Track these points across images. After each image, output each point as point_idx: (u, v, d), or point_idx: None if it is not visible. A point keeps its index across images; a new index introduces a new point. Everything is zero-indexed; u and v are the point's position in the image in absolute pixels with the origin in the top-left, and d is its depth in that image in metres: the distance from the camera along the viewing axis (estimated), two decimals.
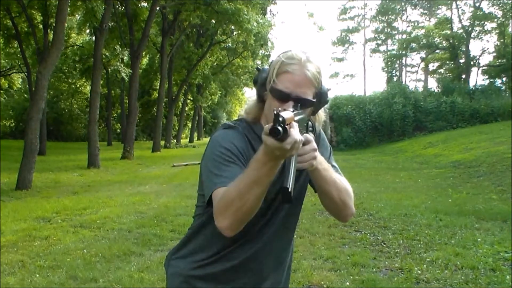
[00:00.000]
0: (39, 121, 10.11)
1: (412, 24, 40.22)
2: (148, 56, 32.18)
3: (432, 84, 45.98)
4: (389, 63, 39.21)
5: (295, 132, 0.97)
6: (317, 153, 1.17)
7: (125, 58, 20.24)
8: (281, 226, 1.35)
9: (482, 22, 29.93)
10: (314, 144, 1.15)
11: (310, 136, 1.16)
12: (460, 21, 30.94)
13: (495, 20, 29.59)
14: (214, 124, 51.71)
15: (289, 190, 0.98)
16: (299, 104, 1.20)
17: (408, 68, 41.90)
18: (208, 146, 1.30)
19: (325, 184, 1.25)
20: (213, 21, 24.82)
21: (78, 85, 35.23)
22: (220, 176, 1.19)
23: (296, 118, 1.06)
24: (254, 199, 1.07)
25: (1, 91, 30.84)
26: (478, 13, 29.15)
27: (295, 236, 1.49)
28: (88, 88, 25.59)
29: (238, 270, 1.34)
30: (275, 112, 0.94)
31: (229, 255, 1.33)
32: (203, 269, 1.35)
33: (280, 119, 0.93)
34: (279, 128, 0.93)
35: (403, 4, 39.81)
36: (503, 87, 28.06)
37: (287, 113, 0.98)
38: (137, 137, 30.80)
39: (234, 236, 1.18)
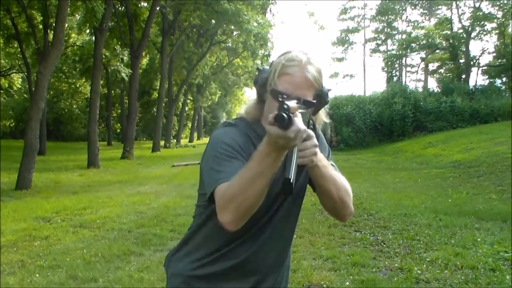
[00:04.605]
0: (39, 121, 10.12)
1: (412, 24, 40.17)
2: (148, 56, 32.15)
3: (432, 84, 45.93)
4: (389, 63, 39.16)
5: (299, 121, 0.97)
6: (318, 150, 1.17)
7: (125, 58, 20.24)
8: (281, 225, 1.35)
9: (482, 22, 29.89)
10: (315, 140, 1.15)
11: (312, 132, 1.17)
12: (460, 21, 30.92)
13: (495, 20, 29.56)
14: (214, 124, 51.73)
15: (291, 181, 0.98)
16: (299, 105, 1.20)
17: (408, 68, 41.86)
18: (209, 143, 1.30)
19: (325, 182, 1.25)
20: (213, 21, 24.85)
21: (78, 85, 35.23)
22: (222, 172, 1.18)
23: (299, 111, 1.07)
24: (257, 192, 1.07)
25: (1, 91, 30.81)
26: (478, 13, 29.13)
27: (294, 236, 1.49)
28: (88, 88, 25.54)
29: (238, 269, 1.34)
30: (280, 100, 0.94)
31: (229, 253, 1.32)
32: (203, 268, 1.35)
33: (285, 106, 0.94)
34: (284, 115, 0.93)
35: (403, 4, 39.77)
36: (503, 87, 28.05)
37: (291, 103, 0.99)
38: (137, 137, 30.78)
39: (234, 234, 1.18)
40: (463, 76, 29.66)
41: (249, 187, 1.06)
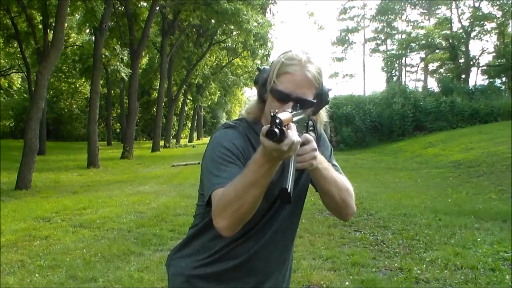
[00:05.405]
0: (39, 121, 10.11)
1: (412, 24, 40.24)
2: (148, 56, 32.17)
3: (432, 84, 46.14)
4: (389, 63, 39.22)
5: (292, 134, 0.97)
6: (317, 153, 1.17)
7: (125, 58, 20.24)
8: (283, 225, 1.35)
9: (482, 22, 29.92)
10: (314, 144, 1.15)
11: (310, 136, 1.16)
12: (459, 21, 30.93)
13: (495, 20, 29.58)
14: (214, 124, 51.69)
15: (288, 191, 0.98)
16: (298, 105, 1.20)
17: (408, 68, 41.91)
18: (209, 145, 1.30)
19: (326, 183, 1.25)
20: (213, 21, 24.84)
21: (78, 85, 35.19)
22: (219, 177, 1.18)
23: (295, 118, 1.06)
24: (252, 200, 1.07)
25: (1, 91, 30.79)
26: (477, 13, 29.15)
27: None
28: (88, 88, 25.48)
29: (240, 269, 1.34)
30: (272, 114, 0.94)
31: (231, 253, 1.33)
32: (205, 268, 1.35)
33: (277, 121, 0.93)
34: (276, 130, 0.93)
35: (402, 4, 39.79)
36: (503, 87, 28.08)
37: (284, 114, 0.98)
38: (136, 137, 30.74)
39: (236, 234, 1.18)
40: (463, 76, 29.68)
41: (244, 195, 1.06)
